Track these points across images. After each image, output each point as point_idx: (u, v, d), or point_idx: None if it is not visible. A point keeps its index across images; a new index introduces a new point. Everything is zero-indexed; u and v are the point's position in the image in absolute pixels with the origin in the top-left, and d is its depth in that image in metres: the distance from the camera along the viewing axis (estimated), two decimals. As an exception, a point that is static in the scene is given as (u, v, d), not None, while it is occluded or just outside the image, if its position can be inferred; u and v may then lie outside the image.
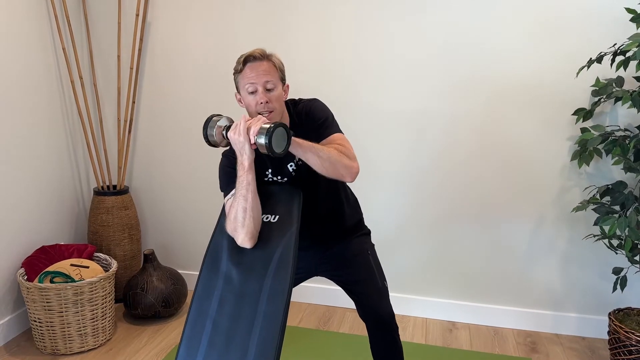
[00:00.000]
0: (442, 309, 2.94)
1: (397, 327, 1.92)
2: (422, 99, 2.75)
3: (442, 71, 2.70)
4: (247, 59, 1.66)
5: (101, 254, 2.83)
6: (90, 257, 2.77)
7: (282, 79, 1.72)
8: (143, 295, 2.79)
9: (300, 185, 1.80)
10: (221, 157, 1.82)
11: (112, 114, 3.14)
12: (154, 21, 2.99)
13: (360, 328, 2.80)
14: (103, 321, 2.61)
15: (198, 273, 1.65)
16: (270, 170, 1.79)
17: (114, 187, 3.10)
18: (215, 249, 1.67)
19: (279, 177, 1.80)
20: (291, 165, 1.79)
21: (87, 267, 2.65)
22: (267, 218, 1.70)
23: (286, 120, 1.77)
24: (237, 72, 1.69)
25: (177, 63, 3.01)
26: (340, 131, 1.77)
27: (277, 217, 1.69)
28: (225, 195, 1.74)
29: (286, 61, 1.83)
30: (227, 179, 1.74)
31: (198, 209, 3.16)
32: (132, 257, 3.06)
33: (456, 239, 2.86)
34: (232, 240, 1.68)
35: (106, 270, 2.72)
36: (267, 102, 1.65)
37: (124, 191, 3.04)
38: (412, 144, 2.80)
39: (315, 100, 1.84)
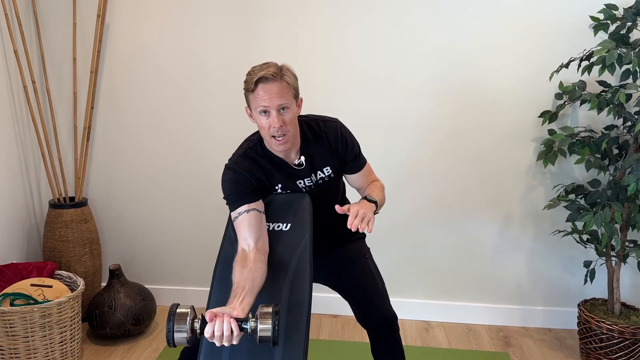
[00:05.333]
0: (417, 309, 2.98)
1: (399, 327, 1.93)
2: (390, 101, 2.78)
3: (411, 73, 2.75)
4: (259, 80, 1.54)
5: (63, 272, 2.62)
6: (52, 276, 2.57)
7: (296, 96, 1.63)
8: (111, 313, 2.62)
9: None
10: (225, 169, 1.67)
11: (66, 121, 2.93)
12: (112, 22, 2.83)
13: (339, 334, 2.79)
14: (72, 344, 2.42)
15: (210, 286, 1.57)
16: (280, 186, 1.72)
17: (72, 198, 2.89)
18: (226, 261, 1.59)
19: (289, 191, 1.74)
20: (300, 183, 1.73)
21: (50, 287, 2.45)
22: (279, 227, 1.65)
23: (298, 139, 1.69)
24: (249, 91, 1.58)
25: (137, 67, 2.86)
26: (365, 158, 1.87)
27: (289, 225, 1.65)
28: (232, 209, 1.64)
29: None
30: (237, 196, 1.63)
31: (161, 220, 3.02)
32: (93, 274, 2.87)
33: (428, 240, 2.91)
34: None
35: (71, 289, 2.53)
36: (281, 125, 1.57)
37: (83, 203, 2.85)
38: (382, 146, 2.82)
39: (338, 122, 1.79)
